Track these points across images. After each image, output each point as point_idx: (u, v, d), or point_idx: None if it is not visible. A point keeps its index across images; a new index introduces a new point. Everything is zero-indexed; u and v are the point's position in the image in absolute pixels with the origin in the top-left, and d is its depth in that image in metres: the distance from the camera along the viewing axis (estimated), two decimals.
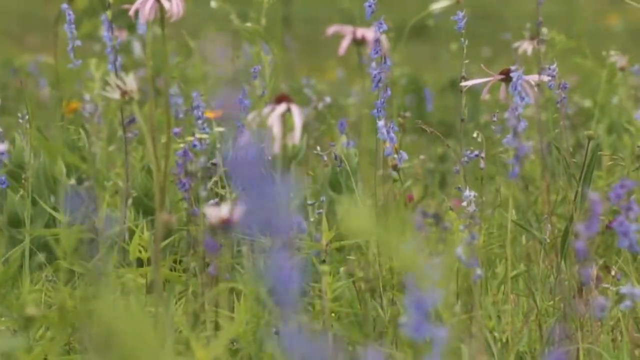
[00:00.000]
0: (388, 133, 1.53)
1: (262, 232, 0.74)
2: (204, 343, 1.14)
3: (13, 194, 2.00)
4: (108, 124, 2.63)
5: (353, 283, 1.54)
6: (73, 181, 2.09)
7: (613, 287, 1.55)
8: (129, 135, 1.88)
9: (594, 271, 1.47)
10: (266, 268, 0.73)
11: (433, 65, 5.59)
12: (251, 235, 1.42)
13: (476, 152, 1.64)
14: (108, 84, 1.26)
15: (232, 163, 0.72)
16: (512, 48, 2.55)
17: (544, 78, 1.54)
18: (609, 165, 2.37)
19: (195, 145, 1.65)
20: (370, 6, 1.57)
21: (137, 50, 3.48)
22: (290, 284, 0.71)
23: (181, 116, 2.50)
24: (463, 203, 1.45)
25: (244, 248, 1.53)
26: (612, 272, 1.66)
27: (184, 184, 1.53)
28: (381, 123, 1.53)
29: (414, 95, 4.51)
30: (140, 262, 1.53)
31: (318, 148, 1.73)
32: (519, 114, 1.40)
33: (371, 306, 1.46)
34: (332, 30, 1.25)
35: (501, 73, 1.54)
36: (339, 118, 2.44)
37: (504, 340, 1.42)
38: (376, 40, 1.45)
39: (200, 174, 1.55)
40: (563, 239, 1.52)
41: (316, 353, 0.72)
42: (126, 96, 1.26)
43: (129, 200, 1.84)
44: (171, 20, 1.40)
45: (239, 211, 1.24)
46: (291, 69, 4.50)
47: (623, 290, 1.17)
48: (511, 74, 1.45)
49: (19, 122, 1.99)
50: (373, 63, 1.53)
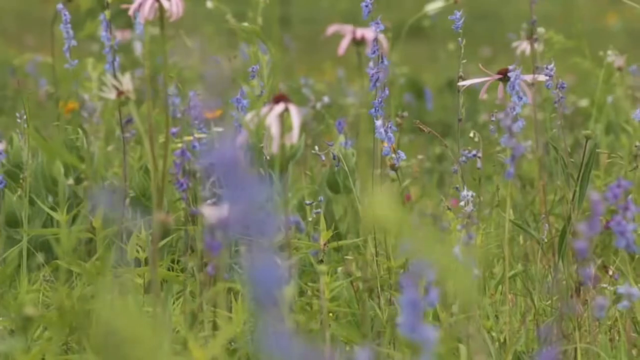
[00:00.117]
0: (386, 133, 1.53)
1: (245, 233, 0.74)
2: (202, 343, 1.14)
3: (11, 194, 2.00)
4: (106, 124, 2.63)
5: (351, 283, 1.54)
6: (71, 181, 2.09)
7: (611, 287, 1.55)
8: (127, 135, 1.87)
9: (593, 271, 1.47)
10: (249, 268, 0.73)
11: (431, 65, 5.59)
12: (249, 235, 1.42)
13: (474, 152, 1.64)
14: (104, 84, 1.26)
15: (213, 163, 0.72)
16: (512, 48, 2.55)
17: (540, 78, 1.54)
18: (607, 165, 2.37)
19: (195, 146, 1.65)
20: (367, 6, 1.57)
21: (138, 49, 3.48)
22: (273, 284, 0.71)
23: (179, 116, 2.50)
24: (460, 203, 1.46)
25: (242, 248, 1.52)
26: (610, 272, 1.66)
27: (182, 184, 1.53)
28: (379, 123, 1.53)
29: (413, 95, 4.52)
30: (138, 262, 1.53)
31: (316, 148, 1.73)
32: (517, 114, 1.40)
33: (369, 306, 1.46)
34: (332, 29, 1.25)
35: (499, 73, 1.54)
36: (338, 118, 2.43)
37: (502, 340, 1.42)
38: (374, 40, 1.45)
39: (198, 174, 1.55)
40: (561, 239, 1.51)
41: (310, 353, 0.72)
42: (122, 96, 1.26)
43: (127, 199, 1.84)
44: (171, 20, 1.39)
45: (225, 211, 1.23)
46: (290, 69, 4.49)
47: (620, 290, 1.17)
48: (509, 74, 1.45)
49: (17, 122, 1.99)
50: (371, 63, 1.53)
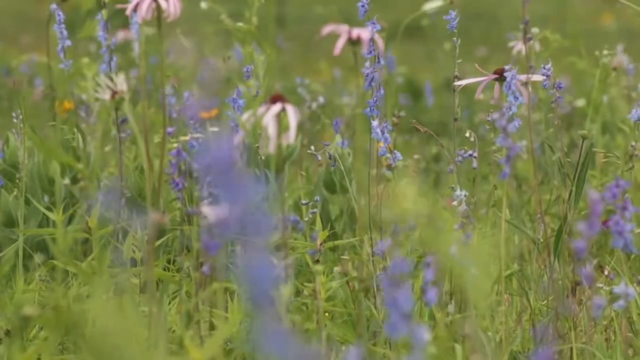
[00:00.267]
0: (382, 133, 1.53)
1: (241, 233, 0.74)
2: (198, 343, 1.14)
3: (7, 194, 2.00)
4: (102, 124, 2.62)
5: (347, 283, 1.54)
6: (67, 181, 2.08)
7: (606, 287, 1.55)
8: (123, 134, 1.87)
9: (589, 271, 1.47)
10: (246, 268, 0.73)
11: (428, 65, 5.59)
12: (245, 235, 1.41)
13: (470, 152, 1.64)
14: (99, 84, 1.25)
15: (209, 163, 0.72)
16: (508, 48, 2.55)
17: (536, 77, 1.53)
18: (603, 164, 2.37)
19: (193, 145, 1.65)
20: (363, 6, 1.57)
21: (137, 49, 3.48)
22: (269, 284, 0.71)
23: (175, 116, 2.50)
24: (454, 202, 1.45)
25: (238, 248, 1.52)
26: (606, 272, 1.66)
27: (178, 184, 1.53)
28: (375, 123, 1.53)
29: (409, 94, 4.52)
30: (134, 262, 1.53)
31: (312, 148, 1.73)
32: (513, 114, 1.40)
33: (365, 306, 1.45)
34: (328, 29, 1.25)
35: (495, 73, 1.54)
36: (334, 118, 2.43)
37: (498, 340, 1.41)
38: (370, 39, 1.45)
39: (194, 174, 1.55)
40: (556, 239, 1.51)
41: (306, 353, 0.72)
42: (116, 96, 1.26)
43: (123, 199, 1.84)
44: (168, 20, 1.39)
45: (222, 211, 1.23)
46: (285, 69, 4.49)
47: (616, 290, 1.16)
48: (505, 74, 1.45)
49: (13, 122, 1.99)
50: (367, 62, 1.53)
